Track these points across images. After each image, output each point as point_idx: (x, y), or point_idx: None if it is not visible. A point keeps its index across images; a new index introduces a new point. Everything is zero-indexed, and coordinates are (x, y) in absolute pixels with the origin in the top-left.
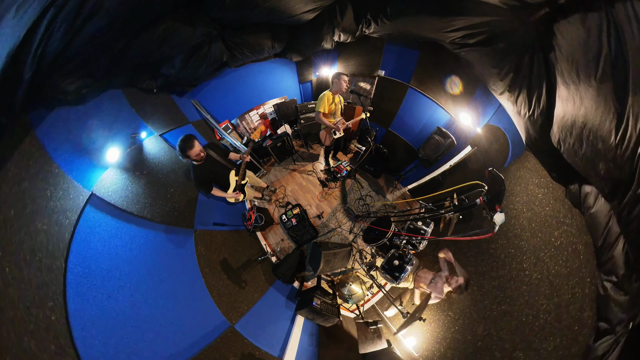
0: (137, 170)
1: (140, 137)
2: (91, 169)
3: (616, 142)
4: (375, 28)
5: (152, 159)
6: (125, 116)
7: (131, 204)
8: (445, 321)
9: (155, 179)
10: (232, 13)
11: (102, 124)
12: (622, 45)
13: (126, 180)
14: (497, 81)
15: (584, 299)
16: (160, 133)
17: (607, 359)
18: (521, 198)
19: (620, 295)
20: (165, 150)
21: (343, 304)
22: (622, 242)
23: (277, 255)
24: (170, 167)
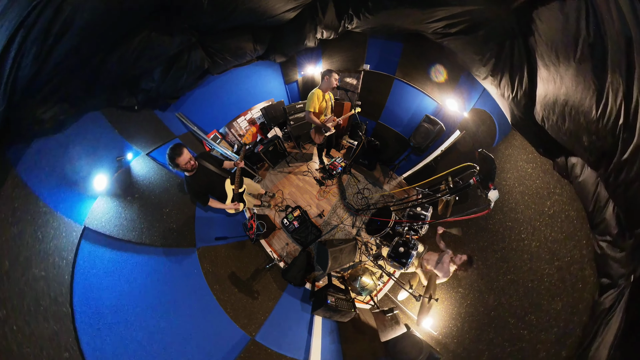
0: (128, 195)
1: (126, 160)
2: (80, 201)
3: (597, 116)
4: (358, 23)
5: (142, 180)
6: (108, 139)
7: (127, 232)
8: (457, 297)
9: (148, 201)
10: (210, 17)
11: (84, 151)
12: (601, 29)
13: (118, 207)
14: (480, 67)
15: (583, 260)
16: (147, 152)
17: (615, 309)
18: (512, 174)
19: (616, 252)
20: (155, 169)
21: (357, 297)
22: (611, 205)
23: (285, 260)
24: (162, 186)
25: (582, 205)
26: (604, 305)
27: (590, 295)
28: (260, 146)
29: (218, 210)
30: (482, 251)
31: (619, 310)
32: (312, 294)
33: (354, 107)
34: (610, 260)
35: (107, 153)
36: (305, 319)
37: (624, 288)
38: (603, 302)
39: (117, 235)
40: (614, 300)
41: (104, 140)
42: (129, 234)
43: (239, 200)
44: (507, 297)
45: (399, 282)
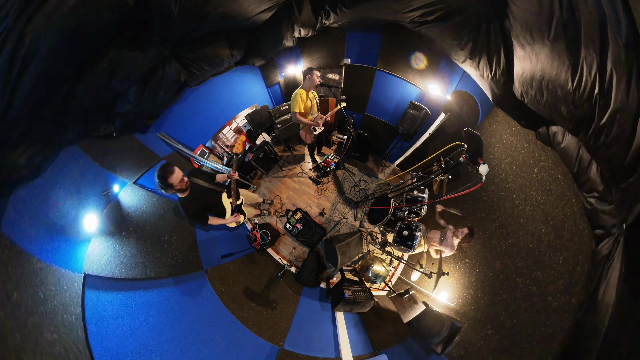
0: (123, 230)
1: (113, 193)
2: (74, 248)
3: (573, 87)
4: (335, 18)
5: (134, 211)
6: (91, 174)
7: (130, 269)
8: (466, 268)
9: (145, 232)
10: (182, 26)
11: (67, 192)
12: (574, 9)
13: (115, 245)
14: (459, 51)
15: (575, 216)
16: (133, 180)
17: (614, 255)
18: (498, 148)
19: (605, 205)
20: (146, 197)
21: (372, 286)
22: (594, 165)
23: (295, 264)
24: (157, 213)
25: (567, 169)
26: (602, 253)
27: (587, 246)
28: (250, 154)
29: (219, 227)
30: (481, 222)
31: (617, 255)
32: (329, 291)
33: (339, 102)
34: (600, 213)
35: (92, 189)
36: (327, 317)
37: (618, 235)
38: (600, 250)
39: (120, 275)
40: (611, 247)
41: (86, 176)
42: (133, 271)
43: (238, 212)
44: (511, 260)
45: (409, 264)
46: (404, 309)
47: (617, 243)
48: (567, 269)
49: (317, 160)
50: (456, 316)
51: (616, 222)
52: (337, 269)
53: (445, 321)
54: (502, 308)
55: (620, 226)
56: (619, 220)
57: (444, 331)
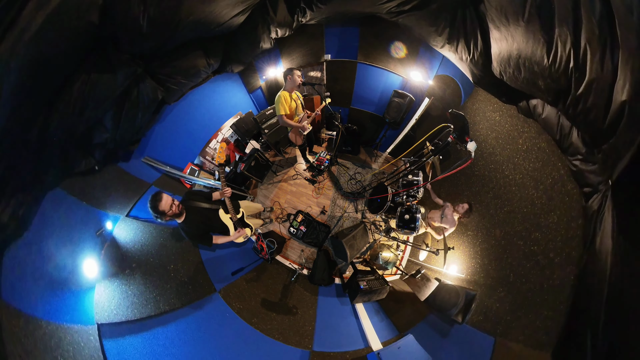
0: (126, 268)
1: (107, 230)
2: (80, 300)
3: (549, 63)
4: (312, 15)
5: (133, 246)
6: (80, 215)
7: (142, 307)
8: (469, 240)
9: (149, 265)
10: (153, 40)
11: (59, 241)
12: None
13: (121, 286)
14: (436, 37)
15: (563, 178)
16: (125, 213)
17: (604, 208)
18: (483, 125)
19: (590, 166)
20: (142, 228)
21: (384, 272)
22: (575, 131)
23: (306, 266)
24: (157, 243)
25: (549, 137)
26: (592, 208)
27: (578, 204)
28: (241, 164)
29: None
30: (476, 195)
31: (607, 207)
32: (344, 286)
33: (324, 99)
34: (586, 173)
35: (84, 232)
36: (348, 311)
37: (606, 191)
38: (591, 205)
39: (134, 316)
40: (600, 201)
41: (76, 219)
42: (145, 309)
43: (242, 226)
44: (510, 226)
45: (415, 245)
46: (419, 288)
47: (605, 197)
48: (563, 226)
49: (310, 160)
50: (468, 285)
51: (602, 179)
52: (348, 262)
53: (460, 292)
54: (510, 270)
55: (606, 182)
56: (604, 178)
57: (460, 301)
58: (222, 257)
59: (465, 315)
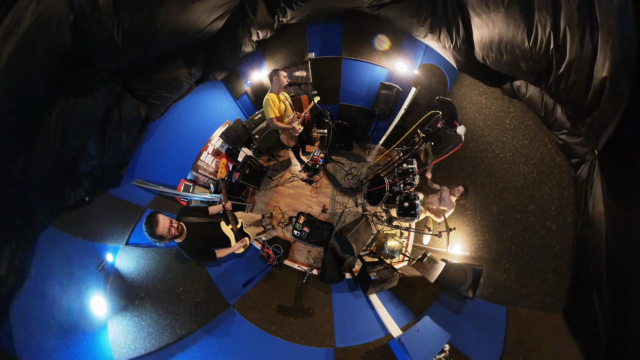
0: (135, 299)
1: (108, 263)
2: (95, 341)
3: (530, 45)
4: (292, 14)
5: (138, 275)
6: (77, 252)
7: (159, 336)
8: (469, 219)
9: (158, 292)
10: (130, 55)
11: (62, 283)
12: None
13: (134, 319)
14: (419, 27)
15: (551, 152)
16: (124, 242)
17: (593, 176)
18: (470, 108)
19: (575, 138)
20: (143, 255)
21: (392, 261)
22: (559, 107)
23: (314, 266)
24: (162, 267)
25: (535, 115)
26: (582, 176)
27: (567, 174)
28: (236, 174)
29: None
30: (470, 176)
31: (596, 175)
32: (355, 280)
33: (312, 98)
34: (572, 145)
35: (85, 269)
36: (363, 304)
37: (593, 160)
38: (580, 174)
39: (152, 347)
40: (589, 170)
41: (74, 257)
42: (162, 338)
43: (242, 236)
44: (505, 201)
45: (418, 230)
46: (427, 271)
47: (593, 166)
48: (556, 196)
49: (304, 160)
50: (474, 262)
51: (588, 149)
52: (355, 256)
53: (467, 269)
54: (511, 243)
55: (592, 152)
56: (590, 148)
57: (469, 278)
58: (230, 270)
59: (475, 290)
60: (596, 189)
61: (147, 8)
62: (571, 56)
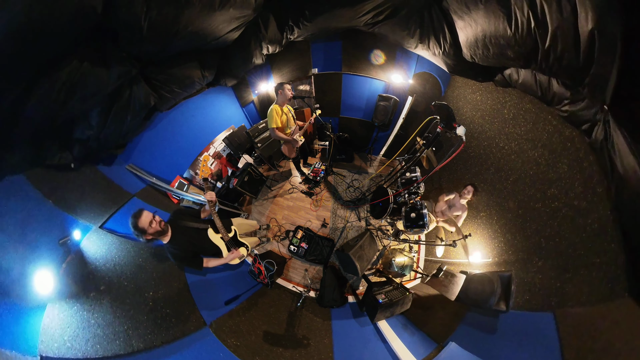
0: (91, 290)
1: (73, 240)
2: (21, 318)
3: (513, 31)
4: (299, 32)
5: (104, 264)
6: (42, 215)
7: (108, 343)
8: (485, 221)
9: (121, 290)
10: (151, 45)
11: (9, 238)
12: None
13: (82, 312)
14: (410, 39)
15: (557, 128)
16: (99, 224)
17: (611, 133)
18: (467, 108)
19: (579, 105)
20: (117, 244)
21: (402, 279)
22: (553, 81)
23: (312, 287)
24: (134, 264)
25: (532, 97)
26: (598, 139)
27: (582, 143)
28: (234, 179)
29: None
30: (477, 175)
31: (614, 129)
32: (360, 303)
33: (314, 111)
34: (578, 112)
35: (44, 236)
36: (371, 333)
37: (605, 116)
38: (596, 138)
39: (94, 354)
40: (604, 128)
41: (36, 218)
42: (111, 346)
43: (236, 246)
44: (521, 193)
45: (429, 242)
46: (445, 288)
47: (607, 122)
48: (576, 170)
49: (305, 172)
50: (499, 268)
51: (596, 109)
52: (360, 276)
53: (492, 278)
54: (538, 237)
55: (602, 109)
56: (598, 106)
57: (497, 287)
58: (213, 283)
59: (507, 300)
60: (619, 145)
61: (175, 6)
62: (553, 26)
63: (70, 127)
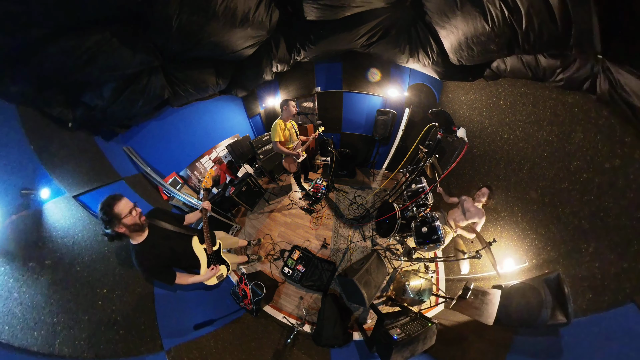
0: (32, 259)
1: (38, 197)
2: None
3: (491, 26)
4: (305, 54)
5: (61, 238)
6: (16, 154)
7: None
8: (508, 221)
9: (70, 275)
10: (177, 44)
11: None
12: None
13: (9, 281)
14: (401, 55)
15: (558, 98)
16: (74, 194)
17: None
18: (463, 109)
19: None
20: (83, 222)
21: (421, 307)
22: (540, 56)
23: (308, 320)
24: (97, 250)
25: (524, 80)
26: (604, 90)
27: (589, 103)
28: (231, 188)
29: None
30: (488, 174)
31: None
32: (369, 341)
33: (317, 127)
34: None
35: (7, 175)
36: None
37: (603, 64)
38: (602, 90)
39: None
40: (607, 77)
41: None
42: (25, 336)
43: (217, 262)
44: (541, 179)
45: (448, 258)
46: (478, 311)
47: (607, 70)
48: (593, 132)
49: (306, 188)
50: (541, 271)
51: (591, 63)
52: (367, 306)
53: (536, 285)
54: (577, 219)
55: (596, 60)
56: (592, 60)
57: (545, 295)
58: (185, 299)
59: (565, 308)
60: (628, 83)
61: (203, 16)
62: (525, 7)
63: (81, 89)
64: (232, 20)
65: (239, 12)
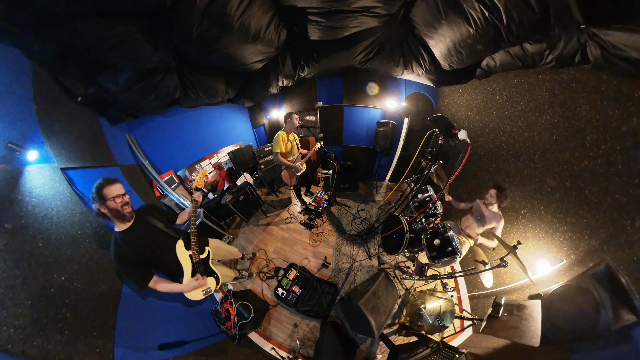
0: None
1: (24, 157)
2: None
3: (475, 28)
4: (308, 70)
5: (32, 206)
6: (15, 105)
7: None
8: (531, 217)
9: (27, 246)
10: (194, 49)
11: None
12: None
13: None
14: (396, 68)
15: (553, 79)
16: (62, 165)
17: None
18: (461, 111)
19: (559, 45)
20: (63, 197)
21: (443, 335)
22: (526, 45)
23: (302, 354)
24: (68, 231)
25: (515, 72)
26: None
27: (586, 74)
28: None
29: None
30: (497, 171)
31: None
32: None
33: (318, 140)
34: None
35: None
36: None
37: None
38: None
39: None
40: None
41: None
42: None
43: (204, 273)
44: (556, 164)
45: (468, 271)
46: (517, 330)
47: (594, 36)
48: (599, 100)
49: (306, 201)
50: (584, 267)
51: (577, 35)
52: (376, 337)
53: (583, 284)
54: (609, 196)
55: (581, 31)
56: (576, 31)
57: (599, 294)
58: (155, 310)
59: (629, 302)
60: (620, 41)
61: (221, 28)
62: (502, 3)
63: (99, 70)
64: (245, 36)
65: (251, 30)
